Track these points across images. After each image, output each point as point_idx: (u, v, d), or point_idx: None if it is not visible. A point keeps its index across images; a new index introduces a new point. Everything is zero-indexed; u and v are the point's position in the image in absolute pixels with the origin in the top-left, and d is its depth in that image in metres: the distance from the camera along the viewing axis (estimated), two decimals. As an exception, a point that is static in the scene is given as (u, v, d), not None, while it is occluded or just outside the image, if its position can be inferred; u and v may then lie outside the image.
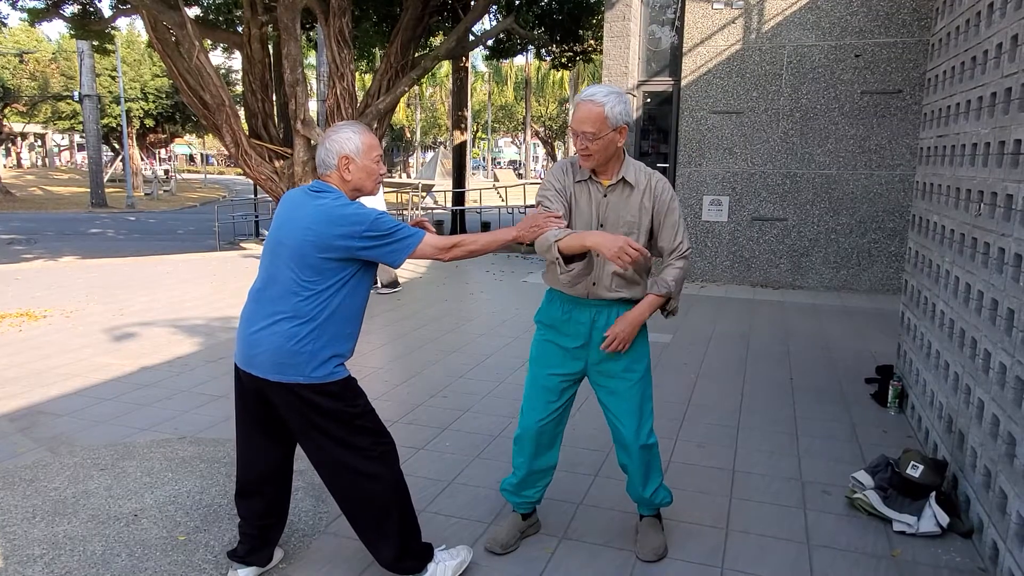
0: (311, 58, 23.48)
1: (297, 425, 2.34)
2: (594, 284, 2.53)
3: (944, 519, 2.87)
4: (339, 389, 2.30)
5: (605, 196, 2.51)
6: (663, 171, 9.26)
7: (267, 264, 2.31)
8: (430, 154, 44.11)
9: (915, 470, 3.03)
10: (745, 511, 3.10)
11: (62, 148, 53.35)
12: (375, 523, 2.40)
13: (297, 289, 2.22)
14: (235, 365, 2.38)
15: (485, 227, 16.51)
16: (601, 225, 2.51)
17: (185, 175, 46.97)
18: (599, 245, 2.24)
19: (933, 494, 2.95)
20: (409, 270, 9.84)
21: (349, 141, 2.30)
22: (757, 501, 3.19)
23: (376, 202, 7.50)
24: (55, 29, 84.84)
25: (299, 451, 2.50)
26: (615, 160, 2.49)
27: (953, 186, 3.66)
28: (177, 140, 44.87)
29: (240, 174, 20.29)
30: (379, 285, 8.13)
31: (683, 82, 8.82)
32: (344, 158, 2.29)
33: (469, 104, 21.29)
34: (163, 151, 47.59)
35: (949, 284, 3.57)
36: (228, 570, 2.56)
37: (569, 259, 2.35)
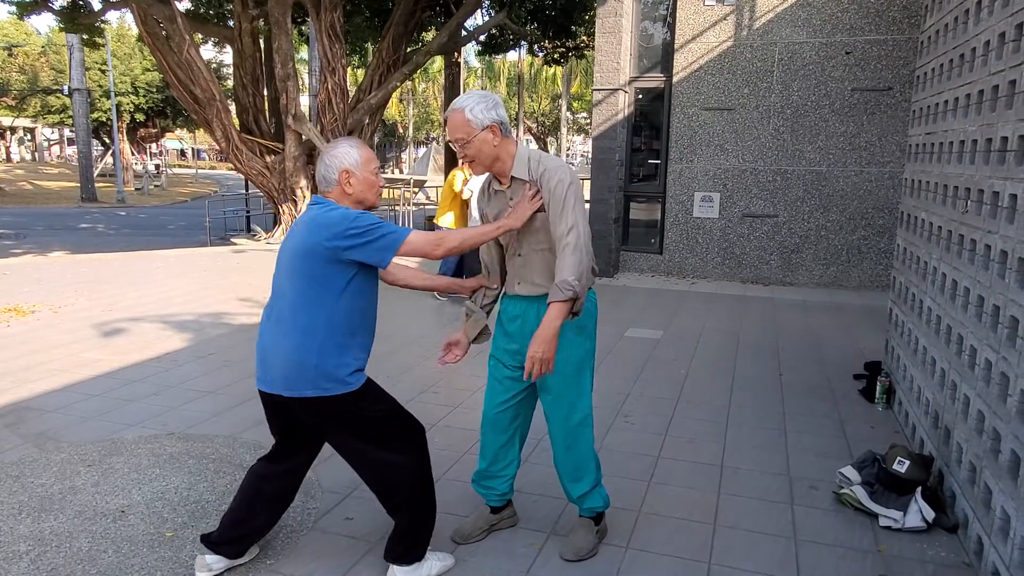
0: (302, 53, 23.37)
1: (323, 431, 2.43)
2: (518, 283, 2.57)
3: (930, 514, 2.89)
4: (353, 399, 2.33)
5: (510, 199, 2.53)
6: (655, 167, 9.28)
7: (275, 279, 2.37)
8: (423, 150, 43.97)
9: (901, 465, 3.06)
10: (733, 506, 3.11)
11: (52, 142, 52.99)
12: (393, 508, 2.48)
13: (296, 300, 2.26)
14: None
15: (478, 223, 16.43)
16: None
17: (176, 170, 46.74)
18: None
19: (919, 489, 2.98)
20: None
21: (348, 155, 2.35)
22: (745, 496, 3.21)
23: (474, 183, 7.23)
24: (44, 22, 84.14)
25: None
26: (504, 162, 2.49)
27: (941, 183, 3.67)
28: (168, 135, 44.62)
29: (231, 169, 20.18)
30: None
31: (675, 78, 8.83)
32: (344, 172, 2.33)
33: (462, 100, 21.19)
34: (154, 146, 47.29)
35: (936, 281, 3.59)
36: (197, 554, 2.58)
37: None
